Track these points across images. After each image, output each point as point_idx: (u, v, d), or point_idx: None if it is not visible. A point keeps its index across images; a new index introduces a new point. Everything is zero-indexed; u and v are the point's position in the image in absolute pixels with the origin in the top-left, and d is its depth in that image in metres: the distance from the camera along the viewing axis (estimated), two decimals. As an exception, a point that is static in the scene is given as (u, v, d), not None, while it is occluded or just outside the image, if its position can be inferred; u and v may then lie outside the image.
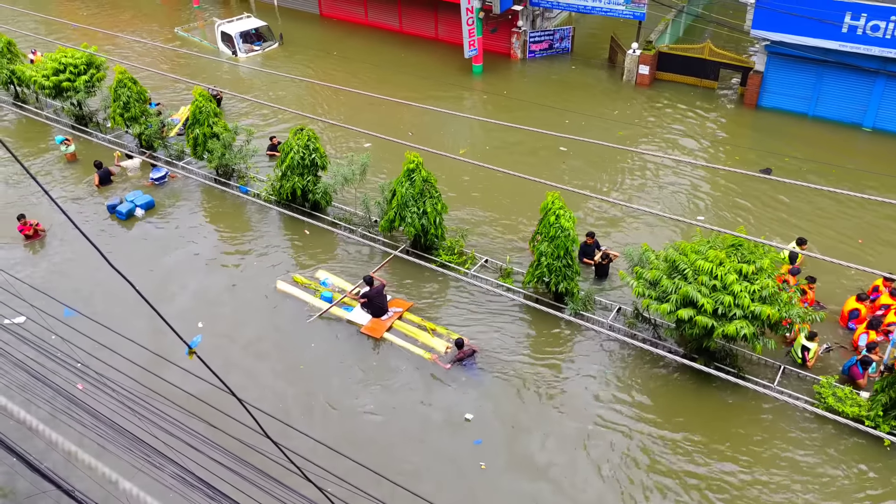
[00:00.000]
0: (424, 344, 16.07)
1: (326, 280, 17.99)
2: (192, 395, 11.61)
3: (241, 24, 30.93)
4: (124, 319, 16.12)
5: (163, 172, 21.84)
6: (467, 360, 15.52)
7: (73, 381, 13.34)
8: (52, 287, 17.17)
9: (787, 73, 24.30)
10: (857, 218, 19.59)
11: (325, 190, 19.39)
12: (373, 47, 30.89)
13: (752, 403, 14.48)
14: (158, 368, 12.98)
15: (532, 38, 29.11)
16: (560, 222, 15.73)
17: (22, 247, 19.36)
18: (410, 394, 14.98)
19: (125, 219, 20.44)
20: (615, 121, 24.70)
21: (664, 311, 14.19)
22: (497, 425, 14.25)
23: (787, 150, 22.46)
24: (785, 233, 19.02)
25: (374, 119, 25.16)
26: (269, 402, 14.58)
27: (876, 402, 13.45)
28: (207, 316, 17.04)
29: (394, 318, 16.63)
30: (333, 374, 15.54)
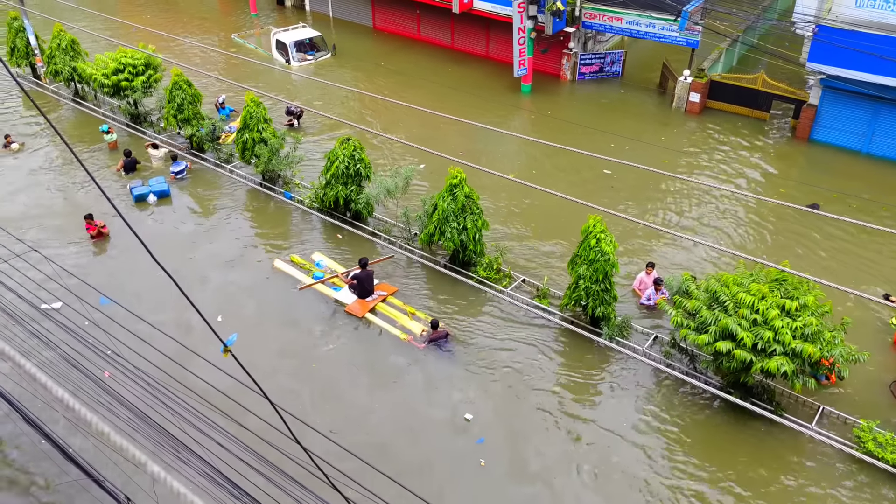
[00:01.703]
0: (403, 326, 16.89)
1: (321, 262, 19.02)
2: (217, 390, 11.78)
3: (297, 33, 31.49)
4: (153, 308, 16.61)
5: (182, 167, 22.57)
6: (441, 340, 16.34)
7: (102, 367, 13.63)
8: (92, 276, 17.73)
9: (842, 108, 23.82)
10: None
11: (368, 200, 19.54)
12: (423, 62, 31.17)
13: (788, 442, 14.10)
14: (185, 360, 13.24)
15: (583, 60, 29.06)
16: (600, 246, 15.60)
17: (90, 245, 19.72)
18: (438, 410, 14.94)
19: (136, 201, 21.31)
20: (662, 147, 24.47)
21: (702, 342, 13.95)
22: (510, 445, 14.11)
23: (838, 186, 21.97)
24: (830, 270, 18.57)
25: (420, 132, 25.32)
26: (284, 399, 14.68)
27: (919, 451, 13.00)
28: (232, 308, 17.38)
29: (377, 300, 17.57)
30: (345, 374, 15.73)
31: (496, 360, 16.06)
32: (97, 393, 11.61)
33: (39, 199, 21.67)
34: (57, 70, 26.10)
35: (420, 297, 17.92)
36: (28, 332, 13.77)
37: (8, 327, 14.49)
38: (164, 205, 21.44)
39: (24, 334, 13.93)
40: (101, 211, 20.33)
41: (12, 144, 24.05)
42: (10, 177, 22.80)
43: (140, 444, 10.90)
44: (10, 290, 14.88)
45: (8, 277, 15.67)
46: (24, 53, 27.56)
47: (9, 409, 12.46)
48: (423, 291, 18.13)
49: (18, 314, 14.11)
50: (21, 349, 13.35)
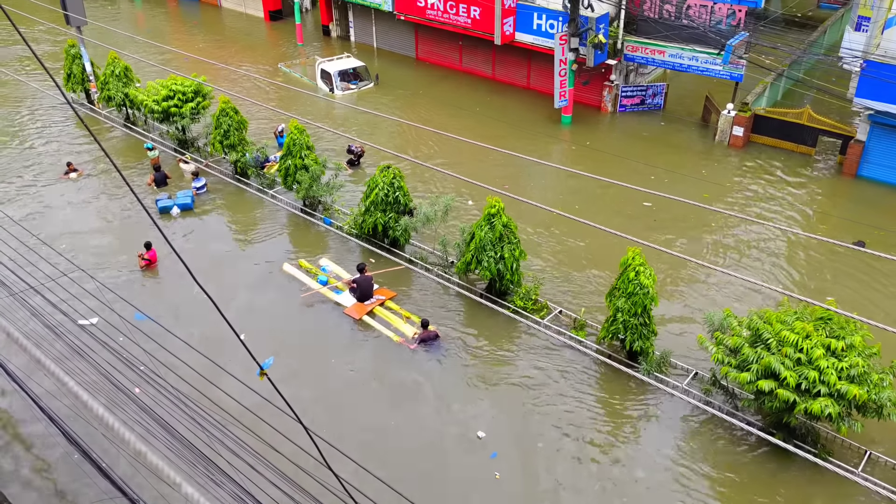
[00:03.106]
0: (396, 328, 17.68)
1: (326, 267, 19.95)
2: (248, 409, 11.87)
3: (341, 63, 32.07)
4: (188, 324, 17.13)
5: (203, 182, 23.68)
6: (431, 341, 17.10)
7: (135, 382, 13.88)
8: (130, 291, 18.38)
9: (891, 145, 23.33)
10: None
11: (406, 228, 19.66)
12: (465, 92, 31.44)
13: (833, 487, 13.62)
14: (216, 377, 13.48)
15: (624, 92, 29.02)
16: (639, 279, 15.42)
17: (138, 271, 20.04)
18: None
19: (161, 212, 22.36)
20: (704, 180, 24.21)
21: (744, 380, 13.63)
22: (546, 481, 13.88)
23: (885, 224, 21.45)
24: (878, 310, 18.06)
25: (460, 161, 25.46)
26: (307, 418, 14.68)
27: (972, 502, 12.45)
28: (262, 327, 17.62)
29: (375, 304, 18.47)
30: (362, 394, 15.86)
31: (531, 392, 15.89)
32: (131, 409, 11.80)
33: (91, 223, 22.17)
34: (110, 96, 26.96)
35: (453, 323, 17.89)
36: (68, 346, 14.13)
37: (50, 342, 14.84)
38: (196, 221, 21.94)
39: (65, 349, 14.29)
40: (147, 235, 20.81)
41: (72, 173, 24.62)
42: (68, 202, 23.30)
43: (174, 463, 11.02)
44: (54, 306, 15.31)
45: (54, 294, 16.12)
46: (80, 79, 28.52)
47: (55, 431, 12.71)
48: (458, 319, 18.09)
49: (60, 329, 14.52)
50: (63, 365, 13.64)
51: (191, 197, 22.90)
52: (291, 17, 39.22)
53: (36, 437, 14.65)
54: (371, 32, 36.81)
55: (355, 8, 36.56)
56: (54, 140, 27.22)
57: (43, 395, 12.70)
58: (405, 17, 33.27)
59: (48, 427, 13.41)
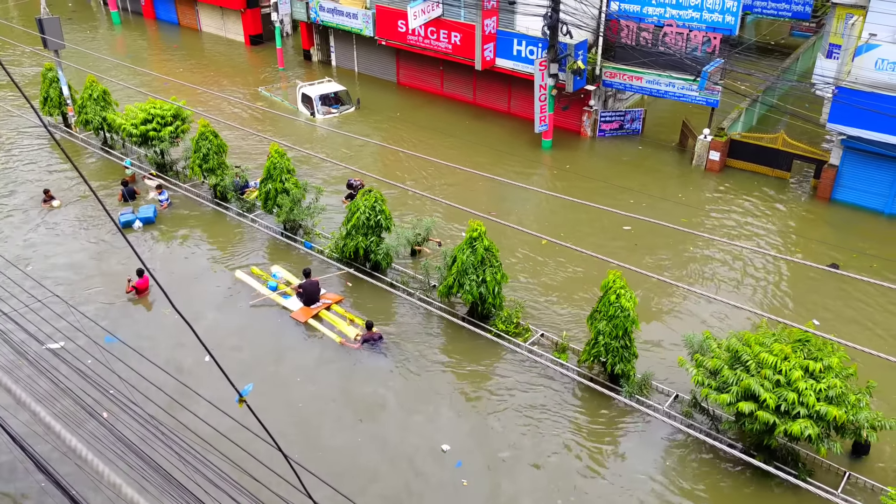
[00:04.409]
0: (340, 331, 18.23)
1: (277, 273, 20.59)
2: (220, 433, 11.73)
3: (322, 87, 32.19)
4: (156, 345, 17.20)
5: (166, 196, 24.24)
6: (375, 342, 17.66)
7: (104, 406, 13.72)
8: (103, 316, 18.20)
9: (864, 169, 23.79)
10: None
11: (387, 251, 19.66)
12: (446, 117, 31.64)
13: (814, 509, 13.70)
14: (186, 400, 13.39)
15: (603, 117, 29.38)
16: (620, 302, 15.50)
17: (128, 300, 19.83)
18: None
19: (123, 226, 22.46)
20: (682, 204, 24.49)
21: (724, 401, 13.70)
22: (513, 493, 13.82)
23: (859, 247, 21.80)
24: (854, 330, 18.28)
25: (442, 185, 25.57)
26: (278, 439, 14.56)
27: (950, 522, 12.53)
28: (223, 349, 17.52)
29: (321, 307, 19.02)
30: (326, 409, 15.89)
31: (511, 414, 15.86)
32: (102, 434, 11.64)
33: (67, 248, 21.92)
34: (87, 119, 26.80)
35: (433, 349, 17.87)
36: (37, 370, 13.97)
37: (20, 367, 14.64)
38: (177, 248, 21.76)
39: (34, 372, 14.12)
40: (127, 260, 20.63)
41: (53, 201, 24.19)
42: (46, 232, 22.98)
43: (151, 494, 10.84)
44: (25, 331, 15.17)
45: (24, 318, 15.98)
46: (57, 103, 28.35)
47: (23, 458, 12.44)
48: (440, 343, 18.05)
49: (30, 354, 14.37)
50: (31, 389, 13.41)
51: (153, 210, 23.22)
52: (272, 41, 39.39)
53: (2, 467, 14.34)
54: (352, 57, 37.04)
55: (336, 33, 36.81)
56: (31, 163, 26.98)
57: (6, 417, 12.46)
58: (386, 42, 33.53)
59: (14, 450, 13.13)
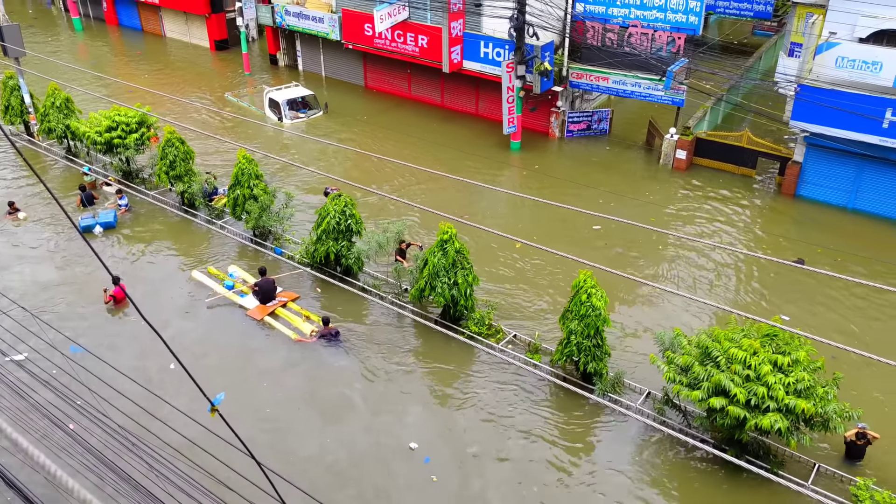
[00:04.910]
0: (296, 327, 18.48)
1: (234, 272, 20.69)
2: (193, 443, 11.61)
3: (289, 92, 31.98)
4: (120, 354, 17.03)
5: (125, 200, 23.94)
6: (331, 337, 17.90)
7: (72, 417, 13.50)
8: (69, 324, 17.94)
9: (827, 165, 24.24)
10: (893, 312, 19.18)
11: (358, 255, 19.58)
12: (414, 120, 31.61)
13: (786, 501, 13.88)
14: (154, 409, 13.30)
15: (571, 118, 29.57)
16: (591, 301, 15.60)
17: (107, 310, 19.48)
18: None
19: (84, 231, 22.15)
20: (650, 203, 24.73)
21: (695, 398, 13.85)
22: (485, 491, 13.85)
23: (823, 242, 22.19)
24: (820, 324, 18.60)
25: (412, 189, 25.53)
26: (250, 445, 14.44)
27: (917, 509, 12.81)
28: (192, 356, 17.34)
29: (277, 305, 19.21)
30: (297, 415, 15.79)
31: (480, 413, 15.87)
32: (69, 446, 11.43)
33: (36, 262, 21.45)
34: (50, 128, 26.31)
35: (404, 351, 17.85)
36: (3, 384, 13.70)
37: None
38: (146, 260, 21.43)
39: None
40: (93, 269, 20.29)
41: (18, 213, 23.64)
42: (6, 241, 22.52)
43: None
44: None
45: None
46: (19, 111, 27.80)
47: None
48: (413, 346, 18.01)
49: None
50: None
51: (114, 215, 22.99)
52: (238, 46, 39.03)
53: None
54: (319, 61, 36.86)
55: (303, 37, 36.59)
56: (-8, 174, 26.44)
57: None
58: (353, 46, 33.41)
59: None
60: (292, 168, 26.25)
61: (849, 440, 14.65)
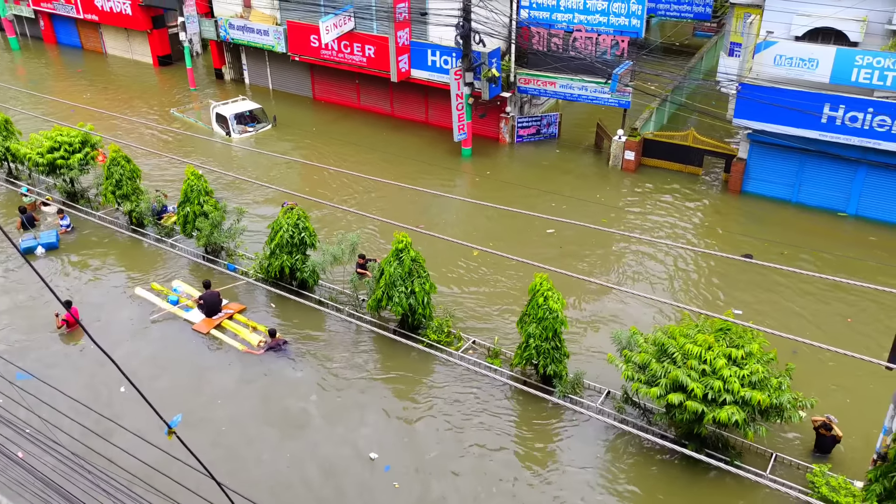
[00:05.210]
0: (243, 339, 18.38)
1: (178, 287, 20.42)
2: (151, 467, 11.35)
3: (237, 105, 31.58)
4: (69, 379, 16.60)
5: (68, 221, 23.40)
6: (279, 348, 17.89)
7: (20, 445, 13.10)
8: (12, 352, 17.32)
9: (770, 161, 24.88)
10: (839, 301, 19.71)
11: (314, 268, 19.39)
12: (364, 130, 31.50)
13: (746, 490, 14.14)
14: (108, 432, 13.03)
15: (520, 123, 29.82)
16: (548, 304, 15.70)
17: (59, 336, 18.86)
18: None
19: (25, 253, 21.54)
20: (601, 204, 25.05)
21: (654, 395, 14.03)
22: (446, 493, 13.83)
23: (770, 236, 22.74)
24: (770, 316, 19.04)
25: (365, 199, 25.41)
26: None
27: (870, 493, 13.14)
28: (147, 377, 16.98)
29: (223, 317, 19.08)
30: (253, 432, 15.49)
31: (440, 419, 15.84)
32: (19, 476, 11.07)
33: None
34: (-12, 150, 25.52)
35: (362, 362, 17.75)
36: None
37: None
38: (93, 283, 20.90)
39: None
40: (37, 293, 19.67)
41: None
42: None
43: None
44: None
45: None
46: (-46, 135, 26.87)
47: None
48: (372, 357, 17.89)
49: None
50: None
51: (55, 236, 22.51)
52: (182, 61, 38.39)
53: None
54: (266, 74, 36.50)
55: (248, 50, 36.20)
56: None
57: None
58: (300, 57, 33.18)
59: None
60: (243, 183, 25.91)
61: (817, 426, 14.93)
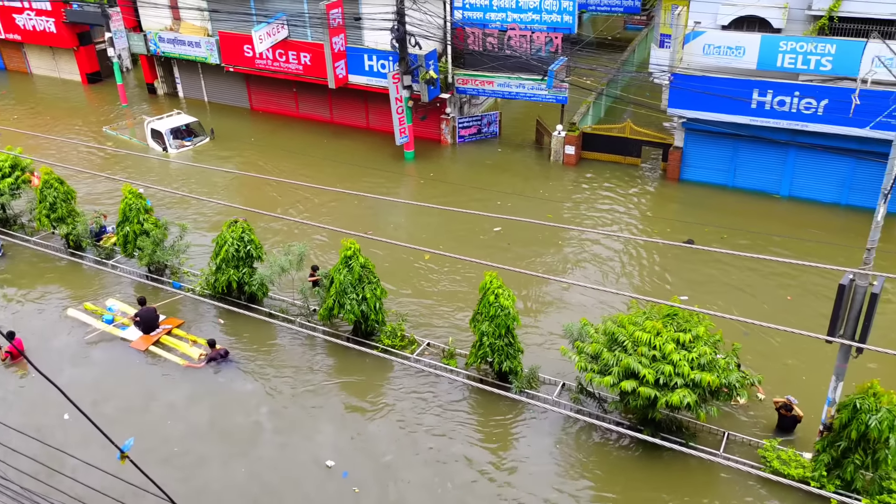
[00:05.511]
0: (183, 353, 18.19)
1: (112, 306, 20.07)
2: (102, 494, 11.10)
3: (172, 120, 30.96)
4: (11, 411, 16.16)
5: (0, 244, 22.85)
6: (221, 358, 17.73)
7: None
8: None
9: (705, 148, 25.55)
10: (780, 280, 20.37)
11: (262, 281, 19.14)
12: (305, 138, 31.24)
13: (700, 471, 14.50)
14: (58, 463, 12.69)
15: (461, 123, 29.97)
16: (500, 301, 15.82)
17: None
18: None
19: None
20: (546, 200, 25.36)
21: (607, 383, 14.26)
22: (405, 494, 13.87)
23: (709, 221, 23.35)
24: (714, 299, 19.57)
25: (315, 209, 25.19)
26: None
27: (819, 463, 13.64)
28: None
29: (161, 333, 18.83)
30: (207, 450, 15.21)
31: (398, 424, 15.84)
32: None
33: None
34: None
35: (315, 372, 17.61)
36: None
37: None
38: (30, 307, 20.22)
39: None
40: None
41: None
42: None
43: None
44: None
45: None
46: None
47: None
48: (327, 366, 17.76)
49: None
50: None
51: None
52: (111, 77, 37.42)
53: None
54: (200, 87, 35.86)
55: (180, 63, 35.52)
56: None
57: None
58: (234, 68, 32.70)
59: None
60: (185, 198, 25.41)
61: (778, 407, 15.35)
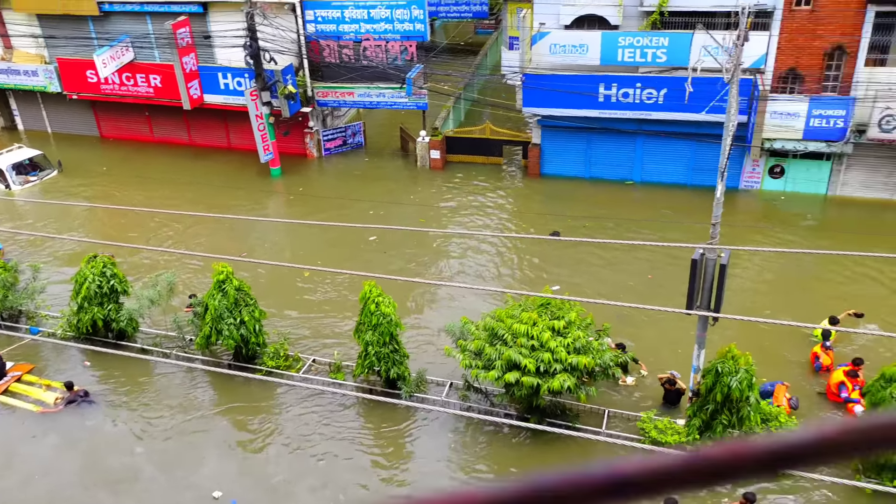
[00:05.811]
0: (37, 399, 17.31)
1: None
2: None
3: (12, 155, 28.91)
4: None
5: None
6: (81, 399, 16.96)
7: None
8: None
9: (561, 143, 26.78)
10: (641, 261, 21.69)
11: (130, 316, 18.28)
12: (163, 163, 30.05)
13: (587, 449, 15.19)
14: None
15: (325, 136, 29.84)
16: (381, 309, 15.94)
17: None
18: None
19: None
20: (417, 205, 25.73)
21: (492, 377, 14.70)
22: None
23: (572, 212, 24.50)
24: (583, 286, 20.57)
25: (181, 235, 24.27)
26: None
27: (691, 427, 14.66)
28: None
29: (10, 381, 17.82)
30: (81, 500, 14.56)
31: (285, 444, 15.66)
32: None
33: None
34: None
35: (195, 403, 17.06)
36: None
37: None
38: None
39: None
40: None
41: None
42: None
43: None
44: None
45: None
46: None
47: None
48: (209, 397, 17.23)
49: None
50: None
51: None
52: (-62, 114, 34.49)
53: None
54: (42, 117, 33.69)
55: (17, 94, 33.22)
56: None
57: None
58: (78, 95, 30.99)
59: None
60: (37, 238, 23.81)
61: (663, 382, 16.26)
